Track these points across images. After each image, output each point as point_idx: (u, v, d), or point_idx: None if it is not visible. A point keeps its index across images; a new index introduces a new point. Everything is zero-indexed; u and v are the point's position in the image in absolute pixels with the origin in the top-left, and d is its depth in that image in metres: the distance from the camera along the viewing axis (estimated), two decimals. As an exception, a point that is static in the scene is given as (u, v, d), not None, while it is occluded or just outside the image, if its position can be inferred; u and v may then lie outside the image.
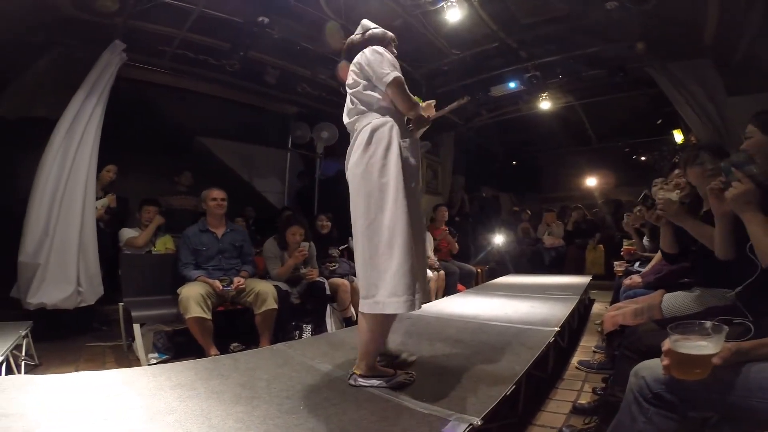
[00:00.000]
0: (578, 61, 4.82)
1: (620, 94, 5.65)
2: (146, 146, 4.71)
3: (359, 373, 1.58)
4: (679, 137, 5.93)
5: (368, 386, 1.55)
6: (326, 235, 3.98)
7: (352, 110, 1.69)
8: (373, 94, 1.65)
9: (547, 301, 3.35)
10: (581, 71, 5.02)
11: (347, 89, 1.72)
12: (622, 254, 3.23)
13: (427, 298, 2.10)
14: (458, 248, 5.09)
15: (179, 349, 2.79)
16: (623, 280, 2.59)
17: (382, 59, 1.62)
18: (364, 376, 1.58)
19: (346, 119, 1.73)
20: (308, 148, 6.08)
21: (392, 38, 1.80)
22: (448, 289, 4.49)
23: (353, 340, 2.10)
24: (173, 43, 4.05)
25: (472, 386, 1.55)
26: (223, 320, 2.85)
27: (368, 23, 1.81)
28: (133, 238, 3.40)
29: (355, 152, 1.61)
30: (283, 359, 1.98)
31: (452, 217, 6.13)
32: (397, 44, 1.81)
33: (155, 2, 3.39)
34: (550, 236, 6.38)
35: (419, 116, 1.72)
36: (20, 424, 1.21)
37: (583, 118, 6.97)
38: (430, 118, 1.79)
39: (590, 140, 7.89)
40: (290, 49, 4.32)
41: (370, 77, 1.64)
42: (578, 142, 7.99)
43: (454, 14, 3.79)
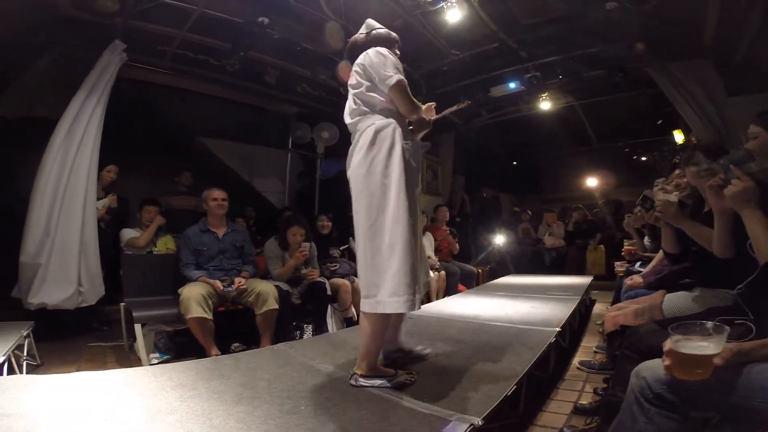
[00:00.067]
0: (578, 61, 4.83)
1: (620, 94, 5.65)
2: (147, 146, 4.72)
3: (360, 373, 1.58)
4: (679, 137, 5.93)
5: (369, 386, 1.55)
6: (327, 235, 3.98)
7: (354, 111, 1.69)
8: (376, 95, 1.65)
9: (548, 301, 3.35)
10: (581, 71, 5.01)
11: (350, 89, 1.72)
12: (623, 254, 3.22)
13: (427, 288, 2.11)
14: (459, 249, 5.10)
15: (180, 349, 2.79)
16: (624, 280, 2.59)
17: (385, 61, 1.62)
18: (365, 376, 1.58)
19: (348, 119, 1.73)
20: (309, 148, 6.08)
21: (396, 39, 1.80)
22: (449, 289, 4.49)
23: (354, 340, 2.10)
24: (173, 43, 4.05)
25: (473, 386, 1.54)
26: (224, 320, 2.85)
27: (373, 23, 1.81)
28: (134, 238, 3.40)
29: (357, 153, 1.61)
30: (284, 359, 1.98)
31: (453, 217, 6.14)
32: (400, 45, 1.81)
33: (155, 2, 3.39)
34: (550, 237, 6.39)
35: (420, 119, 1.73)
36: (21, 423, 1.21)
37: (583, 118, 6.98)
38: (430, 120, 1.79)
39: (590, 140, 7.90)
40: (290, 49, 4.32)
41: (373, 79, 1.64)
42: (578, 142, 8.00)
43: (454, 14, 3.79)
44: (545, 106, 5.92)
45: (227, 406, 1.41)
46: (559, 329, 2.33)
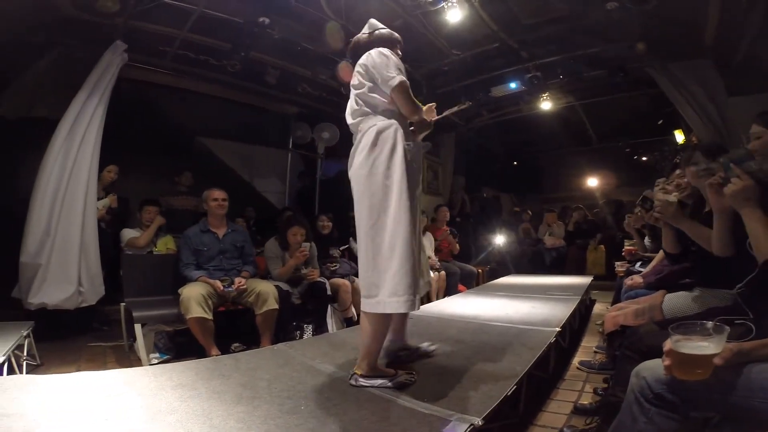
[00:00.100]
0: (579, 61, 4.83)
1: (621, 94, 5.66)
2: (147, 146, 4.72)
3: (360, 373, 1.58)
4: (680, 137, 5.93)
5: (369, 386, 1.55)
6: (327, 235, 3.98)
7: (356, 111, 1.69)
8: (378, 96, 1.65)
9: (548, 301, 3.35)
10: (582, 71, 5.01)
11: (352, 90, 1.72)
12: (623, 254, 3.23)
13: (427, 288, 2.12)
14: (459, 249, 5.10)
15: (180, 349, 2.79)
16: (624, 280, 2.59)
17: (388, 62, 1.62)
18: (365, 376, 1.57)
19: (349, 119, 1.73)
20: (309, 148, 6.08)
21: (398, 40, 1.80)
22: (449, 289, 4.49)
23: (354, 340, 2.10)
24: (174, 43, 4.05)
25: (473, 386, 1.54)
26: (224, 320, 2.85)
27: (376, 23, 1.81)
28: (134, 238, 3.40)
29: (359, 153, 1.61)
30: (284, 359, 1.98)
31: (453, 217, 6.14)
32: (402, 46, 1.81)
33: (156, 2, 3.40)
34: (551, 237, 6.38)
35: (422, 120, 1.73)
36: (21, 423, 1.21)
37: (583, 118, 6.98)
38: (431, 121, 1.79)
39: (591, 140, 7.90)
40: (291, 49, 4.32)
41: (375, 79, 1.63)
42: (579, 142, 7.99)
43: (454, 14, 3.80)
44: (546, 106, 5.92)
45: (227, 406, 1.41)
46: (559, 329, 2.33)
